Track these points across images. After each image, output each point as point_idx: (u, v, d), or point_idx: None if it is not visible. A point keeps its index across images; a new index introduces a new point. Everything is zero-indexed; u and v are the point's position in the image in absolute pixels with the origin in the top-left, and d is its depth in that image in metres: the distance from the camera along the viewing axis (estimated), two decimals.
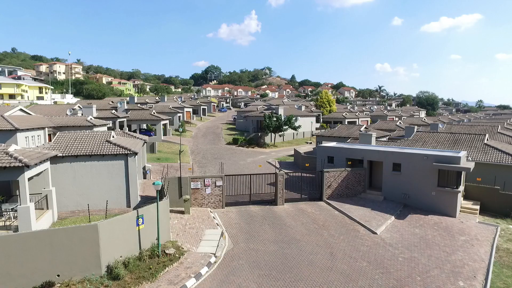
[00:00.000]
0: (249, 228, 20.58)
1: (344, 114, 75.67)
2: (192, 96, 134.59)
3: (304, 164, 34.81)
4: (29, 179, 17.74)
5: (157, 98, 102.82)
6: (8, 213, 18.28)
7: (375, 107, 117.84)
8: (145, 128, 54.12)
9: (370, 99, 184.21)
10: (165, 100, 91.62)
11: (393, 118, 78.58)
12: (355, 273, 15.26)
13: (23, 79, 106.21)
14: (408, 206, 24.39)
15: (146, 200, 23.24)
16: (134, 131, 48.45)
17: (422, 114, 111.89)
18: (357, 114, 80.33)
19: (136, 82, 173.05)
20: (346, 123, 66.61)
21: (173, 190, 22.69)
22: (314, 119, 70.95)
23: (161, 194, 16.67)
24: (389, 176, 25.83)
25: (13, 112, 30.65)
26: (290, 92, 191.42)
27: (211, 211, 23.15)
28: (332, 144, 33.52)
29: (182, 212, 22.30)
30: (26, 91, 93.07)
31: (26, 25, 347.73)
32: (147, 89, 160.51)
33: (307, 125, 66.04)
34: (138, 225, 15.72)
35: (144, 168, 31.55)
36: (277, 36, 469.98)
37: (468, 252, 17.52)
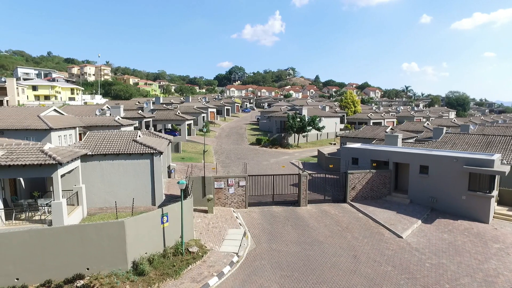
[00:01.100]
0: (272, 229, 20.58)
1: (369, 115, 74.19)
2: (216, 97, 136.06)
3: (328, 165, 34.41)
4: (62, 176, 18.52)
5: (182, 98, 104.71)
6: (43, 207, 19.19)
7: (402, 107, 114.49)
8: (170, 128, 55.22)
9: (396, 99, 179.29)
10: (190, 100, 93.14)
11: (420, 119, 76.26)
12: (380, 278, 14.93)
13: (57, 81, 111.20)
14: (435, 210, 23.59)
15: (170, 199, 23.74)
16: (160, 131, 49.55)
17: (452, 115, 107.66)
18: (382, 115, 78.56)
19: (161, 83, 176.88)
20: (371, 124, 65.26)
21: (197, 190, 23.03)
22: (338, 119, 70.00)
23: (185, 193, 16.96)
24: (415, 178, 25.08)
25: (47, 113, 32.11)
26: (314, 92, 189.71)
27: (234, 211, 23.32)
28: (357, 145, 32.95)
29: (205, 211, 22.60)
30: (60, 92, 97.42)
31: (60, 30, 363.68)
32: (172, 90, 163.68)
33: (331, 126, 65.24)
34: (162, 223, 16.05)
35: (169, 167, 32.22)
36: (301, 36, 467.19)
37: (503, 261, 16.64)
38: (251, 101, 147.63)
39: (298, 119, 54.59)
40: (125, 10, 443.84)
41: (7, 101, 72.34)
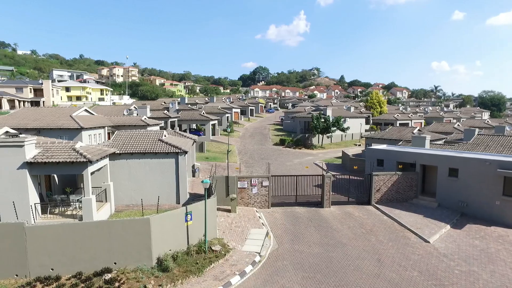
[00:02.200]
0: (294, 229, 20.51)
1: (395, 115, 72.32)
2: (240, 97, 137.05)
3: (352, 166, 33.87)
4: (92, 173, 19.28)
5: (206, 99, 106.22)
6: (74, 203, 20.05)
7: (430, 108, 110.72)
8: (195, 128, 56.13)
9: (425, 100, 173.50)
10: (214, 100, 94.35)
11: (450, 120, 73.53)
12: (405, 283, 14.53)
13: (88, 82, 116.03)
14: (466, 215, 22.66)
15: (194, 198, 24.15)
16: (185, 131, 50.48)
17: (485, 115, 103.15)
18: (409, 115, 76.36)
19: (186, 83, 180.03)
20: (397, 125, 63.60)
21: (221, 189, 23.30)
22: (363, 120, 68.73)
23: (209, 192, 17.21)
24: (444, 181, 24.20)
25: (79, 113, 33.47)
26: (338, 93, 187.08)
27: (257, 211, 23.41)
28: (382, 146, 32.24)
29: (228, 211, 22.83)
30: (90, 93, 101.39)
31: (92, 33, 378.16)
32: (197, 90, 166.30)
33: (356, 126, 64.15)
34: (186, 221, 16.36)
35: (193, 166, 32.78)
36: (326, 35, 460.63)
37: None
38: (275, 101, 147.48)
39: (323, 120, 54.05)
40: (152, 13, 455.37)
41: (43, 101, 76.09)
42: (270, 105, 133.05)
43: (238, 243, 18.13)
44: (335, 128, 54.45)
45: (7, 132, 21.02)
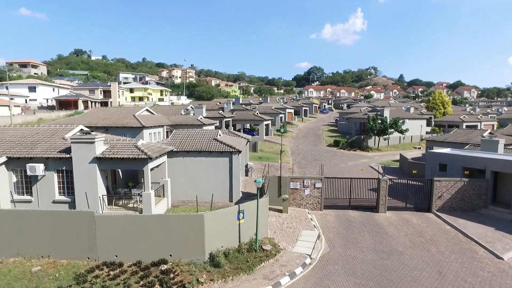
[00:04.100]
0: (347, 233, 19.89)
1: (461, 117, 66.62)
2: (294, 97, 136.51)
3: (411, 170, 31.97)
4: (151, 169, 20.49)
5: (260, 99, 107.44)
6: (135, 197, 21.51)
7: (505, 108, 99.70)
8: (249, 127, 56.99)
9: (498, 99, 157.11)
10: (268, 101, 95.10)
11: None
12: None
13: (149, 83, 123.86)
14: None
15: (246, 197, 24.53)
16: (239, 131, 51.48)
17: None
18: (479, 117, 69.84)
19: (241, 84, 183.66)
20: (463, 127, 58.61)
21: (273, 189, 23.39)
22: (424, 122, 64.43)
23: (261, 191, 17.37)
24: None
25: (141, 112, 35.78)
26: (397, 93, 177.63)
27: (308, 212, 23.13)
28: (446, 150, 29.98)
29: (280, 211, 22.84)
30: (151, 94, 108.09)
31: (154, 38, 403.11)
32: (251, 91, 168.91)
33: (416, 128, 60.37)
34: (238, 219, 16.68)
35: (246, 166, 33.32)
36: (385, 33, 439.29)
37: None
38: (330, 102, 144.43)
39: (379, 121, 51.74)
40: (208, 15, 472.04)
41: (110, 102, 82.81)
42: (325, 105, 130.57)
43: (289, 244, 18.05)
44: (392, 130, 51.82)
45: (81, 129, 23.23)
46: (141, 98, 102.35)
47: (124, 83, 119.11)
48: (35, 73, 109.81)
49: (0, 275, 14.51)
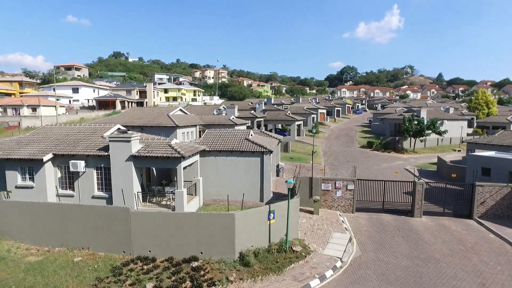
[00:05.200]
0: (380, 238, 19.29)
1: (509, 117, 62.44)
2: (327, 98, 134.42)
3: (450, 174, 30.48)
4: (184, 168, 20.99)
5: (292, 99, 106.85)
6: (168, 194, 22.12)
7: None
8: (280, 128, 56.86)
9: None
10: (300, 101, 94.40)
11: None
12: None
13: (183, 84, 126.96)
14: None
15: (277, 197, 24.47)
16: (270, 131, 51.53)
17: None
18: None
19: (273, 84, 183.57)
20: (511, 128, 54.95)
21: (304, 190, 23.17)
22: (465, 123, 61.11)
23: (292, 192, 17.25)
24: None
25: (174, 112, 36.76)
26: (435, 92, 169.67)
27: (340, 215, 22.69)
28: (490, 153, 28.27)
29: (311, 212, 22.59)
30: (184, 94, 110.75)
31: (187, 39, 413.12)
32: (283, 91, 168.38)
33: (456, 130, 57.43)
34: (269, 219, 16.67)
35: (277, 166, 33.25)
36: (422, 30, 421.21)
37: None
38: (363, 102, 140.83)
39: (416, 122, 49.78)
40: (241, 16, 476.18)
41: (146, 102, 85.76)
42: (358, 106, 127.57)
43: (319, 246, 17.80)
44: (430, 131, 49.65)
45: (119, 128, 24.25)
46: (175, 98, 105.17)
47: (159, 83, 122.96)
48: (78, 75, 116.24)
49: (48, 263, 15.66)
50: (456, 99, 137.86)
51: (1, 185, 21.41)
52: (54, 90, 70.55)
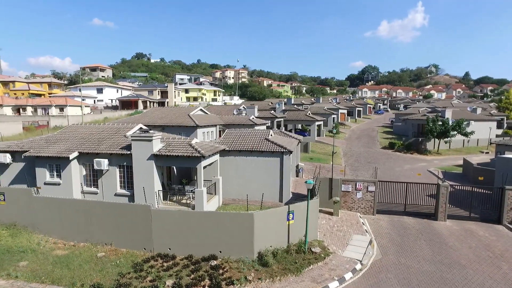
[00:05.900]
0: (401, 241, 18.84)
1: None
2: (347, 98, 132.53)
3: (477, 177, 29.39)
4: (204, 167, 21.21)
5: (312, 99, 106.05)
6: (188, 193, 22.43)
7: None
8: (300, 128, 56.52)
9: None
10: (320, 101, 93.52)
11: None
12: None
13: (203, 84, 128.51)
14: None
15: (297, 197, 24.35)
16: (290, 131, 51.30)
17: None
18: None
19: (293, 84, 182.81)
20: None
21: (324, 191, 22.94)
22: (494, 124, 58.82)
23: (312, 193, 17.13)
24: None
25: (195, 112, 37.19)
26: (461, 92, 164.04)
27: (360, 216, 22.33)
28: None
29: (330, 214, 22.34)
30: (205, 94, 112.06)
31: (208, 39, 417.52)
32: (303, 91, 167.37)
33: (484, 131, 55.31)
34: (288, 220, 16.61)
35: (297, 166, 33.07)
36: (448, 28, 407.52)
37: None
38: (385, 102, 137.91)
39: (440, 123, 48.30)
40: (261, 16, 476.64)
41: (167, 102, 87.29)
42: (379, 106, 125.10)
43: (339, 247, 17.58)
44: (455, 132, 48.05)
45: (140, 128, 24.79)
46: (195, 98, 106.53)
47: (180, 84, 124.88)
48: (102, 76, 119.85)
49: (73, 257, 16.25)
50: (484, 98, 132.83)
51: (31, 181, 22.33)
52: (80, 90, 72.99)
